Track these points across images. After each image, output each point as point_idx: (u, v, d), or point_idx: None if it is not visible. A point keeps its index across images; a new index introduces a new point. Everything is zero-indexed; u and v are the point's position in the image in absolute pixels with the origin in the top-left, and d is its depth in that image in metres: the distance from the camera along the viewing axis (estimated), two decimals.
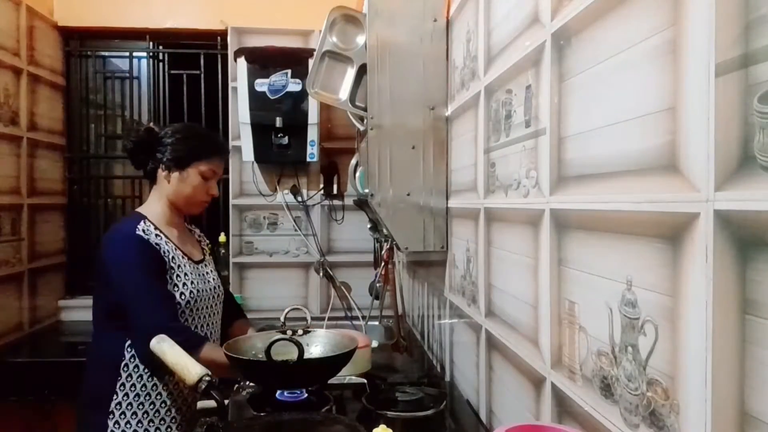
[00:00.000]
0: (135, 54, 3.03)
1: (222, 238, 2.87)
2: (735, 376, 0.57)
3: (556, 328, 1.01)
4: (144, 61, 3.05)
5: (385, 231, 1.96)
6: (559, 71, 0.98)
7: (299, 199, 2.96)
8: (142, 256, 1.47)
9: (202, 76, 3.02)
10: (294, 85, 2.67)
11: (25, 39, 2.63)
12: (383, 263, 2.40)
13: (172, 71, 3.06)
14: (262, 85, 2.67)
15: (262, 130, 2.69)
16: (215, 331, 1.64)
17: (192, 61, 3.03)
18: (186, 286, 1.52)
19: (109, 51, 3.10)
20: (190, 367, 1.22)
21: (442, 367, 1.93)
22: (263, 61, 2.69)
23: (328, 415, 1.34)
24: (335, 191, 2.96)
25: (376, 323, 2.69)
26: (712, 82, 0.60)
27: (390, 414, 1.40)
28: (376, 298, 2.67)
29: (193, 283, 1.54)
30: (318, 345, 1.56)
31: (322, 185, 2.96)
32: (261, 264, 2.96)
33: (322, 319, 2.80)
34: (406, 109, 1.74)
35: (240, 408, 1.46)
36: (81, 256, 2.98)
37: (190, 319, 1.53)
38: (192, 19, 2.94)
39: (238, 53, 2.72)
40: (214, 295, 1.63)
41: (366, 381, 1.63)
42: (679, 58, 0.66)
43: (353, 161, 2.26)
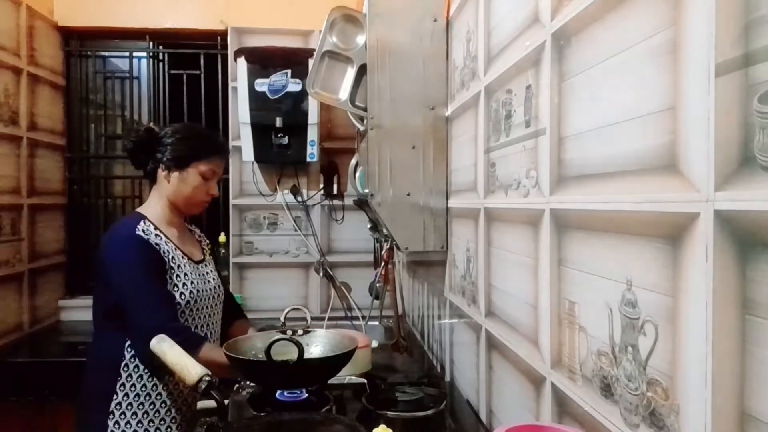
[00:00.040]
0: (135, 54, 3.03)
1: (222, 238, 2.87)
2: (735, 376, 0.57)
3: (556, 328, 1.01)
4: (144, 61, 3.05)
5: (385, 231, 1.96)
6: (559, 71, 0.98)
7: (299, 199, 2.95)
8: (141, 256, 1.47)
9: (202, 76, 3.02)
10: (294, 85, 2.67)
11: (25, 39, 2.63)
12: (383, 263, 2.39)
13: (172, 71, 3.06)
14: (262, 85, 2.67)
15: (262, 130, 2.69)
16: (215, 331, 1.64)
17: (192, 61, 3.03)
18: (186, 286, 1.52)
19: (109, 51, 3.10)
20: (190, 367, 1.22)
21: (442, 367, 1.93)
22: (263, 61, 2.69)
23: (328, 415, 1.34)
24: (335, 191, 2.96)
25: (376, 323, 2.69)
26: (712, 82, 0.60)
27: (390, 414, 1.40)
28: (376, 298, 2.66)
29: (193, 283, 1.54)
30: (318, 345, 1.56)
31: (322, 185, 2.96)
32: (261, 264, 2.96)
33: (322, 319, 2.81)
34: (406, 109, 1.74)
35: (240, 408, 1.46)
36: (81, 256, 2.98)
37: (190, 319, 1.53)
38: (192, 19, 2.94)
39: (238, 53, 2.72)
40: (214, 295, 1.63)
41: (366, 381, 1.63)
42: (679, 58, 0.66)
43: (353, 161, 2.26)
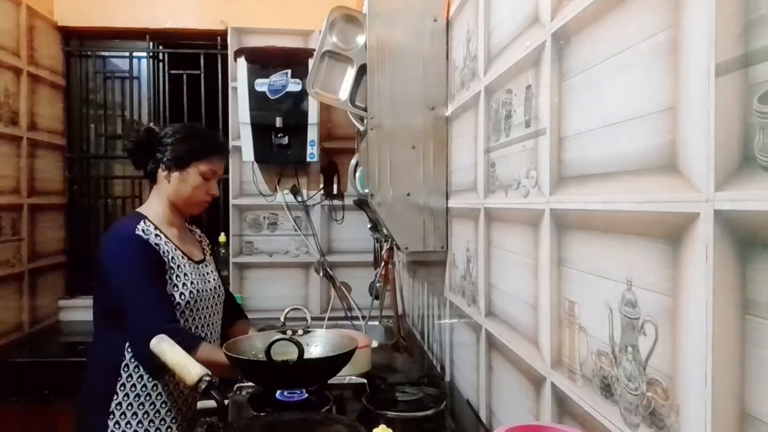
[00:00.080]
0: (135, 54, 3.03)
1: (222, 238, 2.87)
2: (735, 376, 0.57)
3: (556, 328, 1.01)
4: (144, 61, 3.05)
5: (385, 231, 1.96)
6: (559, 71, 0.98)
7: (299, 199, 2.95)
8: (140, 256, 1.47)
9: (202, 76, 3.02)
10: (294, 85, 2.67)
11: (25, 39, 2.63)
12: (383, 263, 2.39)
13: (172, 71, 3.06)
14: (262, 85, 2.67)
15: (262, 130, 2.69)
16: (215, 332, 1.64)
17: (192, 61, 3.03)
18: (186, 287, 1.52)
19: (109, 51, 3.09)
20: (190, 367, 1.22)
21: (442, 367, 1.93)
22: (263, 61, 2.69)
23: (328, 415, 1.34)
24: (335, 191, 2.96)
25: (376, 323, 2.69)
26: (712, 82, 0.60)
27: (390, 414, 1.40)
28: (376, 298, 2.66)
29: (193, 284, 1.54)
30: (318, 345, 1.56)
31: (322, 185, 2.96)
32: (261, 264, 2.96)
33: (322, 319, 2.81)
34: (406, 109, 1.74)
35: (240, 408, 1.46)
36: (81, 256, 2.98)
37: (191, 320, 1.53)
38: (192, 19, 2.94)
39: (238, 53, 2.72)
40: (215, 295, 1.63)
41: (366, 381, 1.63)
42: (679, 58, 0.66)
43: (353, 161, 2.26)
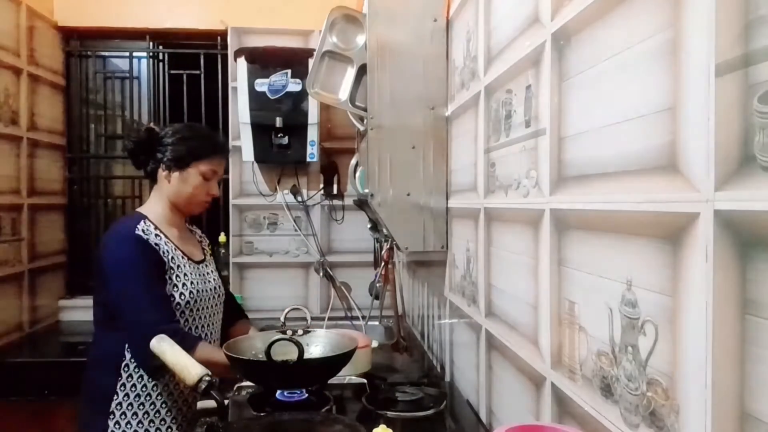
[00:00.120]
0: (135, 54, 3.03)
1: (222, 238, 2.88)
2: (735, 376, 0.57)
3: (556, 328, 1.01)
4: (144, 61, 3.05)
5: (385, 231, 1.96)
6: (559, 71, 0.98)
7: (299, 199, 2.95)
8: (140, 256, 1.47)
9: (202, 76, 3.02)
10: (294, 85, 2.67)
11: (25, 39, 2.63)
12: (383, 263, 2.39)
13: (172, 71, 3.06)
14: (262, 85, 2.66)
15: (262, 130, 2.69)
16: (216, 332, 1.64)
17: (192, 61, 3.03)
18: (186, 287, 1.52)
19: (109, 51, 3.10)
20: (190, 367, 1.22)
21: (442, 367, 1.93)
22: (263, 61, 2.69)
23: (328, 415, 1.34)
24: (335, 191, 2.96)
25: (376, 323, 2.69)
26: (712, 82, 0.60)
27: (390, 414, 1.40)
28: (376, 298, 2.66)
29: (193, 284, 1.54)
30: (318, 345, 1.56)
31: (322, 185, 2.96)
32: (261, 264, 2.96)
33: (322, 319, 2.80)
34: (406, 109, 1.74)
35: (240, 408, 1.46)
36: (81, 256, 2.98)
37: (191, 320, 1.53)
38: (192, 19, 2.94)
39: (238, 53, 2.72)
40: (215, 295, 1.63)
41: (366, 381, 1.63)
42: (679, 58, 0.66)
43: (353, 161, 2.26)
